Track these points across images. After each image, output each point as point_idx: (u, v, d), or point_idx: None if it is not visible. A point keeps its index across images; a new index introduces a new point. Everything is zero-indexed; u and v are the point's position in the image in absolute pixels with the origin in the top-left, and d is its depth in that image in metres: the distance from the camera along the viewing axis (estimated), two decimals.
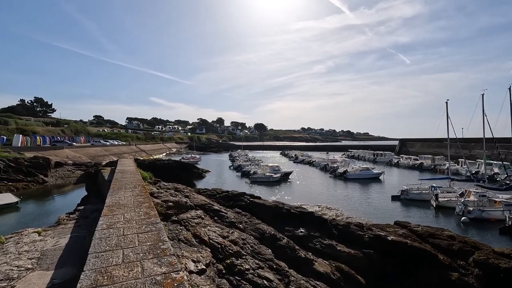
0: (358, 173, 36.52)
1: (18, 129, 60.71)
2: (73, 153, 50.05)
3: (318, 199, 25.37)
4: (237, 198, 13.97)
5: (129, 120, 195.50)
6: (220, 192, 15.75)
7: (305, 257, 9.15)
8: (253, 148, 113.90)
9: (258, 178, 34.88)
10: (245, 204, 13.09)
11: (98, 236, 4.06)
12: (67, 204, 21.04)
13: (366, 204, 23.97)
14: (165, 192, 11.76)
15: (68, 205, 19.28)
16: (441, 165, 45.37)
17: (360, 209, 22.28)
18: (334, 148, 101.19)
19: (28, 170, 33.21)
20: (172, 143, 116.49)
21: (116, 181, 10.45)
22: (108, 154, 60.31)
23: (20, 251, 6.00)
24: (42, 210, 21.84)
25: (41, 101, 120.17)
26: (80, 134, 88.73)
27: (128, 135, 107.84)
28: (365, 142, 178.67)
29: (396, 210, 22.55)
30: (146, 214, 5.29)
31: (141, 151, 78.12)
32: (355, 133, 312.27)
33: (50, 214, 19.89)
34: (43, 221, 17.58)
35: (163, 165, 32.48)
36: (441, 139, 68.39)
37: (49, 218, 18.22)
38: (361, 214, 20.84)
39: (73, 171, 39.63)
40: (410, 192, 24.77)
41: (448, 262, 10.07)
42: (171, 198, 10.60)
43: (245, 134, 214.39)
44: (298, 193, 28.67)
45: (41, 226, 15.58)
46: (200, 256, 6.28)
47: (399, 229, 12.35)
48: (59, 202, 25.45)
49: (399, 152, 75.84)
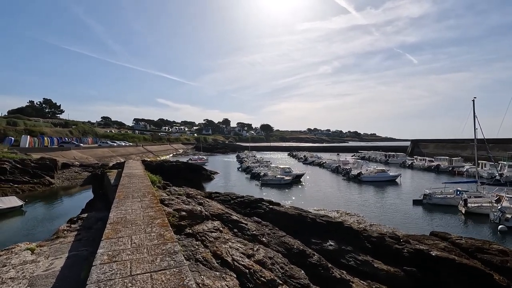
0: (374, 175, 34.90)
1: (26, 130, 60.57)
2: (80, 154, 49.51)
3: (334, 204, 23.96)
4: (254, 204, 12.73)
5: (136, 121, 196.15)
6: (235, 198, 14.50)
7: (341, 277, 7.84)
8: (260, 149, 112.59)
9: (269, 180, 33.56)
10: (264, 212, 11.86)
11: (95, 279, 2.85)
12: (72, 207, 20.09)
13: (387, 209, 22.46)
14: (176, 199, 10.58)
15: (73, 209, 18.29)
16: (460, 167, 43.20)
17: (381, 215, 20.80)
18: (343, 149, 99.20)
19: (34, 171, 32.54)
20: (178, 144, 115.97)
21: (123, 187, 9.31)
22: (115, 155, 59.75)
23: (3, 278, 4.85)
24: (46, 215, 20.92)
25: (49, 102, 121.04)
26: (87, 135, 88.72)
27: (135, 136, 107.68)
28: (374, 143, 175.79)
29: (420, 216, 21.01)
30: (160, 237, 4.07)
31: (148, 152, 77.55)
32: (362, 134, 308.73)
33: (54, 219, 18.94)
34: (45, 227, 16.62)
35: (171, 167, 31.43)
36: (457, 139, 66.12)
37: (52, 224, 17.25)
38: (383, 220, 19.38)
39: (80, 173, 38.94)
40: (433, 196, 23.18)
41: (506, 283, 8.64)
42: (184, 206, 9.42)
43: (251, 135, 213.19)
44: (311, 197, 27.27)
45: (42, 234, 14.63)
46: (226, 285, 5.04)
47: (439, 242, 10.93)
48: (65, 205, 24.56)
49: (411, 153, 73.63)
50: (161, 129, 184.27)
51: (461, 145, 61.35)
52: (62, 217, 17.96)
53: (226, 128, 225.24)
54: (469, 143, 59.94)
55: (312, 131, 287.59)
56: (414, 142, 79.22)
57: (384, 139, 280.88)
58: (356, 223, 17.13)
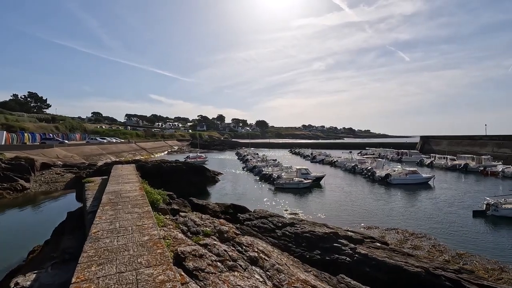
0: (404, 177, 30.37)
1: (5, 125, 54.45)
2: (65, 152, 43.87)
3: (378, 218, 19.32)
4: (324, 243, 7.92)
5: (128, 116, 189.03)
6: (280, 224, 9.61)
7: None
8: (258, 145, 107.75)
9: (285, 184, 28.72)
10: (347, 262, 7.05)
11: None
12: (47, 222, 14.97)
13: (445, 225, 17.88)
14: (204, 250, 5.63)
15: (47, 224, 13.24)
16: (492, 166, 38.89)
17: (445, 234, 16.24)
18: (346, 146, 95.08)
19: (5, 173, 27.14)
20: (173, 141, 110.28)
21: (102, 225, 4.35)
22: (105, 153, 54.11)
23: None
24: (9, 236, 15.74)
25: (35, 96, 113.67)
26: (75, 131, 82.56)
27: (127, 132, 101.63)
28: (369, 139, 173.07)
29: (492, 233, 16.57)
30: None
31: (141, 149, 71.90)
32: (357, 131, 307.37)
33: (20, 245, 13.76)
34: (4, 260, 11.43)
35: (171, 169, 26.44)
36: (475, 136, 62.18)
37: (19, 252, 12.13)
38: (452, 241, 14.83)
39: (63, 174, 33.49)
40: (500, 207, 18.77)
41: None
42: (230, 278, 4.57)
43: (247, 131, 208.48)
44: (341, 207, 22.40)
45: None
46: None
47: None
48: (37, 218, 19.34)
49: (421, 150, 69.73)
50: (154, 125, 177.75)
51: (479, 142, 57.44)
52: (29, 241, 12.83)
53: (221, 124, 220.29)
54: (489, 141, 56.20)
55: (307, 127, 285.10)
56: (424, 139, 75.27)
57: (378, 135, 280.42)
58: (437, 253, 12.46)
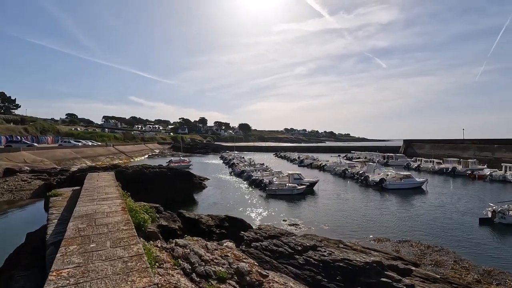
0: (399, 182, 29.57)
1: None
2: (34, 156, 39.91)
3: (383, 228, 17.99)
4: (367, 275, 6.27)
5: (105, 119, 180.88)
6: (300, 249, 8.03)
7: None
8: (242, 149, 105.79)
9: (278, 190, 27.00)
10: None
11: None
12: (4, 242, 12.20)
13: (454, 233, 16.85)
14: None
15: (5, 245, 10.54)
16: (479, 170, 39.17)
17: (460, 245, 15.09)
18: (330, 150, 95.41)
19: None
20: (154, 144, 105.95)
21: None
22: (80, 157, 50.17)
23: None
24: None
25: (2, 96, 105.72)
26: (47, 133, 76.86)
27: (104, 135, 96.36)
28: (349, 143, 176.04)
29: (501, 242, 15.66)
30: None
31: (120, 152, 67.90)
32: (337, 134, 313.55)
33: None
34: None
35: (155, 175, 23.97)
36: (456, 140, 63.57)
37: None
38: (474, 255, 13.69)
39: (30, 181, 30.01)
40: (507, 214, 18.00)
41: None
42: None
43: (230, 134, 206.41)
44: (341, 215, 20.87)
45: None
46: None
47: None
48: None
49: (404, 153, 70.55)
50: (133, 127, 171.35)
51: (461, 145, 58.61)
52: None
53: (203, 127, 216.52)
54: (471, 144, 57.46)
55: (289, 131, 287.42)
56: (407, 142, 76.40)
57: (358, 139, 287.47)
58: (463, 270, 11.13)
